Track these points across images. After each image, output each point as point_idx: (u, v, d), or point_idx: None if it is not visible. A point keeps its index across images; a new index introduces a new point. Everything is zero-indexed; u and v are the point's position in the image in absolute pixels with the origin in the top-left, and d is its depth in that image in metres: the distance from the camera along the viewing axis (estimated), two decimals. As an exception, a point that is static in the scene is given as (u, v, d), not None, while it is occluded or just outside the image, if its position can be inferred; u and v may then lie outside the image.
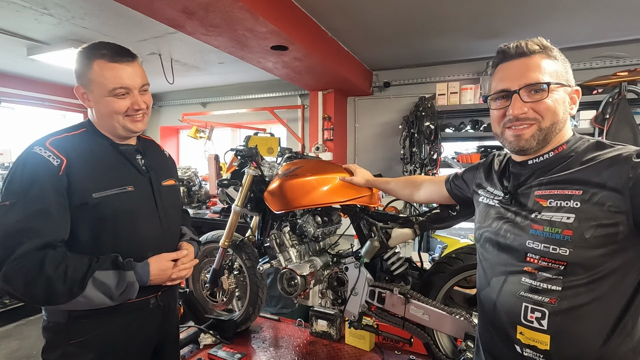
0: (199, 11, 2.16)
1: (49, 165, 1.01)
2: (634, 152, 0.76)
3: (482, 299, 0.96)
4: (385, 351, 1.99)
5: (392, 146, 4.18)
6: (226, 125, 4.96)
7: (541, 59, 0.86)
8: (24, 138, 5.26)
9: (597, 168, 0.78)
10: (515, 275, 0.85)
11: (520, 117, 0.86)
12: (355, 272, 1.71)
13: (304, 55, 2.99)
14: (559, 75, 0.86)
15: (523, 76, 0.85)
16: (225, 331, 2.14)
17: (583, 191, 0.77)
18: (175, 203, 1.35)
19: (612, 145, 0.81)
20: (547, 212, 0.81)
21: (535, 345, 0.81)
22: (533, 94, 0.85)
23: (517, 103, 0.86)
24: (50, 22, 2.99)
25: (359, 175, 1.73)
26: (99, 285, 1.00)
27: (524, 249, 0.84)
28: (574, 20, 2.82)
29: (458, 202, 1.32)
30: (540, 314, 0.80)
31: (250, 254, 2.11)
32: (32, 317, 3.58)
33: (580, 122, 2.93)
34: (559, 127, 0.86)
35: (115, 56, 1.07)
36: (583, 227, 0.76)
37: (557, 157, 0.86)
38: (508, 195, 0.91)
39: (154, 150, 1.35)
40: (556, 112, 0.85)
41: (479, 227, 0.99)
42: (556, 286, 0.79)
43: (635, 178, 0.72)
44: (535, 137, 0.86)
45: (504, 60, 0.91)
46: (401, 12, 2.74)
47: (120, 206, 1.10)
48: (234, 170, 2.09)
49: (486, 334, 0.96)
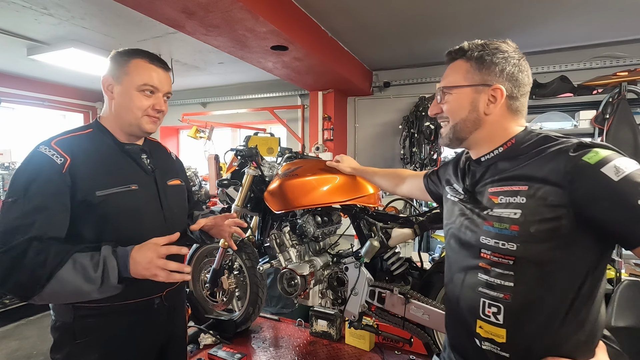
0: (199, 11, 2.16)
1: (52, 163, 1.02)
2: (571, 145, 0.77)
3: (447, 293, 0.99)
4: (385, 351, 1.99)
5: (392, 146, 4.18)
6: (226, 125, 4.96)
7: (459, 64, 0.92)
8: (24, 138, 5.26)
9: (541, 163, 0.79)
10: (473, 271, 0.88)
11: (434, 116, 0.98)
12: (355, 272, 1.71)
13: (304, 55, 2.99)
14: (470, 78, 0.89)
15: (442, 80, 0.95)
16: (225, 331, 2.14)
17: (529, 186, 0.79)
18: (181, 203, 1.35)
19: (557, 138, 0.82)
20: (497, 208, 0.83)
21: (493, 338, 0.84)
22: (442, 97, 0.95)
23: (433, 104, 0.97)
24: (50, 22, 2.99)
25: (345, 162, 1.74)
26: (78, 266, 0.94)
27: (478, 245, 0.86)
28: (574, 20, 2.82)
29: (432, 198, 1.31)
30: (496, 309, 0.83)
31: (250, 254, 2.11)
32: (32, 317, 3.57)
33: (580, 122, 2.93)
34: (469, 125, 0.91)
35: (154, 60, 1.17)
36: (528, 222, 0.77)
37: (507, 152, 0.88)
38: (467, 193, 0.94)
39: (160, 151, 1.36)
40: (458, 112, 0.91)
41: (446, 224, 1.02)
42: (509, 282, 0.81)
43: (572, 172, 0.73)
44: (447, 135, 0.95)
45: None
46: (401, 12, 2.74)
47: (124, 204, 1.11)
48: (234, 170, 2.09)
49: (452, 327, 0.99)
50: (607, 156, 0.72)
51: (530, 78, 0.91)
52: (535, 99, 2.95)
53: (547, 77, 3.17)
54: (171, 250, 1.01)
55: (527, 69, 0.90)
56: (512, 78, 0.87)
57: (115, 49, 1.18)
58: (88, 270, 0.95)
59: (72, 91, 5.50)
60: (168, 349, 1.30)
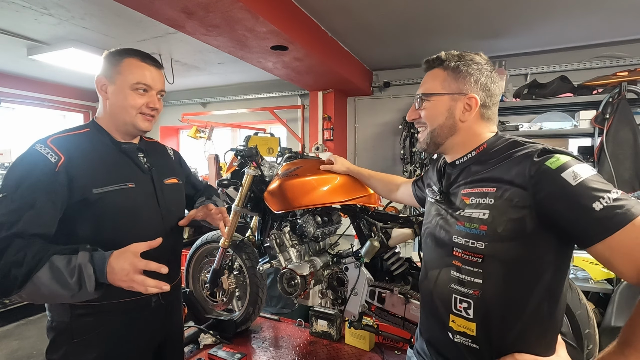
0: (199, 11, 2.16)
1: (46, 161, 1.02)
2: (535, 151, 0.82)
3: (422, 290, 1.04)
4: (385, 351, 1.99)
5: (392, 146, 4.18)
6: (226, 125, 4.96)
7: (436, 72, 0.98)
8: (24, 138, 5.26)
9: (509, 166, 0.85)
10: (446, 268, 0.93)
11: (412, 121, 1.04)
12: (355, 272, 1.71)
13: (304, 55, 2.99)
14: (447, 86, 0.96)
15: (420, 87, 1.02)
16: (225, 331, 2.14)
17: (497, 188, 0.84)
18: (179, 201, 1.35)
19: (524, 144, 0.88)
20: (468, 209, 0.89)
21: (465, 331, 0.89)
22: (420, 103, 1.00)
23: (411, 110, 1.04)
24: (50, 22, 2.99)
25: (339, 162, 1.75)
26: (54, 270, 0.91)
27: (451, 243, 0.91)
28: (574, 20, 2.82)
29: (420, 204, 1.36)
30: (466, 304, 0.88)
31: (250, 254, 2.11)
32: (32, 317, 3.58)
33: (580, 122, 2.93)
34: (445, 131, 0.97)
35: (146, 59, 1.17)
36: (496, 222, 0.82)
37: (479, 156, 0.94)
38: (442, 195, 1.00)
39: (157, 149, 1.36)
40: (436, 119, 0.97)
41: (424, 223, 1.08)
42: (478, 279, 0.86)
43: (535, 176, 0.78)
44: (425, 140, 1.00)
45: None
46: (401, 12, 2.74)
47: (121, 202, 1.11)
48: (234, 170, 2.09)
49: (426, 322, 1.04)
50: (567, 162, 0.77)
51: (501, 89, 0.99)
52: (535, 99, 2.94)
53: (547, 77, 3.17)
54: (150, 266, 0.95)
55: (498, 81, 0.97)
56: (485, 88, 0.94)
57: (109, 50, 1.19)
58: (65, 276, 0.91)
59: (72, 91, 5.49)
60: (165, 346, 1.31)
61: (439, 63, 0.98)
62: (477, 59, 0.96)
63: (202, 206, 1.34)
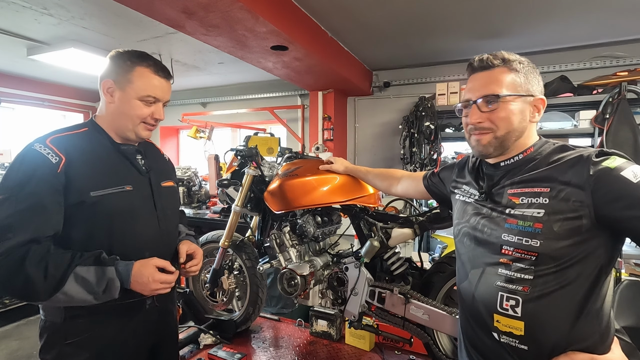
0: (199, 11, 2.16)
1: (47, 162, 1.01)
2: (593, 152, 0.85)
3: (462, 291, 1.03)
4: (385, 351, 1.99)
5: (392, 146, 4.18)
6: (226, 125, 4.96)
7: (501, 72, 0.93)
8: (24, 138, 5.26)
9: (563, 167, 0.86)
10: (492, 267, 0.92)
11: (477, 125, 0.96)
12: (355, 272, 1.70)
13: (304, 55, 2.99)
14: (517, 87, 0.93)
15: (482, 88, 0.94)
16: (225, 331, 2.14)
17: (550, 188, 0.85)
18: (174, 204, 1.35)
19: (574, 148, 0.90)
20: (519, 208, 0.89)
21: (511, 331, 0.88)
22: (489, 104, 0.93)
23: (474, 113, 0.96)
24: (50, 22, 2.99)
25: (338, 162, 1.76)
26: (80, 281, 0.98)
27: (499, 242, 0.91)
28: (574, 20, 2.82)
29: (435, 198, 1.39)
30: (514, 302, 0.87)
31: (250, 254, 2.11)
32: (32, 317, 3.58)
33: (580, 122, 2.93)
34: (516, 135, 0.94)
35: (159, 71, 1.16)
36: (552, 221, 0.83)
37: (525, 159, 0.94)
38: (484, 194, 0.99)
39: (154, 152, 1.35)
40: (510, 122, 0.92)
41: (458, 223, 1.07)
42: (528, 275, 0.86)
43: (595, 175, 0.80)
44: (491, 144, 0.95)
45: (471, 72, 0.99)
46: (401, 12, 2.74)
47: (118, 205, 1.10)
48: (234, 170, 2.09)
49: (467, 325, 1.02)
50: (625, 162, 0.81)
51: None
52: (536, 98, 2.94)
53: (547, 77, 3.16)
54: (168, 279, 1.10)
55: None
56: (542, 90, 0.96)
57: (116, 49, 1.16)
58: (92, 286, 0.99)
59: (72, 91, 5.50)
60: (160, 349, 1.30)
61: (504, 63, 0.94)
62: (525, 59, 0.96)
63: (187, 243, 1.31)
